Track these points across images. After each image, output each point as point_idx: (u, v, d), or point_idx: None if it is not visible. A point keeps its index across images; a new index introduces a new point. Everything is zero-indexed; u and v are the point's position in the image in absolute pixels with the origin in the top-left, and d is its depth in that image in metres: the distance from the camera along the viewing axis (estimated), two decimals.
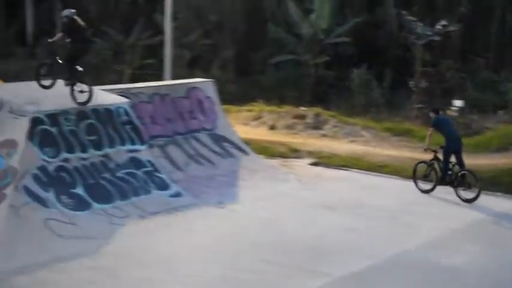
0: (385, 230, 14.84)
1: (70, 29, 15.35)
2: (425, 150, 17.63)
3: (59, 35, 15.60)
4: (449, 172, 17.26)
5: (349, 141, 23.77)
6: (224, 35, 40.67)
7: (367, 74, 32.65)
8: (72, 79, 15.53)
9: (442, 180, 17.34)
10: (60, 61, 15.66)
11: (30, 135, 14.37)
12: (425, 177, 17.72)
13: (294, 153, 22.02)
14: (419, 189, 17.76)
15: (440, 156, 17.41)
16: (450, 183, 17.25)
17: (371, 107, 30.79)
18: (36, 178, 13.97)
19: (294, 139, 23.97)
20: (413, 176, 17.89)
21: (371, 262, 12.81)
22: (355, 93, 32.43)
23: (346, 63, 34.66)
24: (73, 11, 15.61)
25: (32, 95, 15.71)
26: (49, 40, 15.87)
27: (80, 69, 15.59)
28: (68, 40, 15.36)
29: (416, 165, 17.94)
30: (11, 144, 14.20)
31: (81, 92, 15.46)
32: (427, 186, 17.67)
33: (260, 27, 38.89)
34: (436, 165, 17.49)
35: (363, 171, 19.79)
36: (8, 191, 13.42)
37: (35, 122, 14.55)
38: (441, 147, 17.39)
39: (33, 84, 15.87)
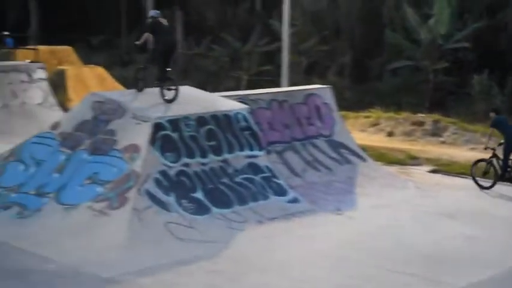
0: (508, 239, 14.38)
1: (154, 29, 15.70)
2: (485, 148, 18.68)
3: (143, 36, 15.92)
4: (509, 169, 18.12)
5: (469, 149, 23.22)
6: (341, 40, 40.51)
7: (488, 80, 31.81)
8: (161, 79, 15.89)
9: (502, 177, 18.22)
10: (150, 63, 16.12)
11: (152, 141, 14.70)
12: (485, 175, 18.59)
13: (412, 160, 21.69)
14: (479, 186, 18.46)
15: (500, 154, 18.20)
16: (509, 180, 18.19)
17: None
18: (157, 182, 14.26)
19: (412, 146, 23.61)
20: (472, 174, 18.74)
21: (493, 272, 12.43)
22: (476, 99, 31.67)
23: (466, 69, 33.90)
24: (158, 12, 16.05)
25: (154, 101, 16.10)
26: (135, 42, 16.22)
27: (168, 68, 15.94)
28: (152, 40, 15.72)
29: (475, 163, 18.81)
30: (134, 149, 14.58)
31: (169, 89, 15.80)
32: (486, 183, 18.41)
33: (377, 32, 38.53)
34: (495, 163, 18.35)
35: (484, 179, 19.24)
36: (131, 194, 13.77)
37: (157, 127, 14.89)
38: (499, 144, 18.28)
39: (154, 90, 16.29)
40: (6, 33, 37.67)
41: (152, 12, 16.07)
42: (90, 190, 14.14)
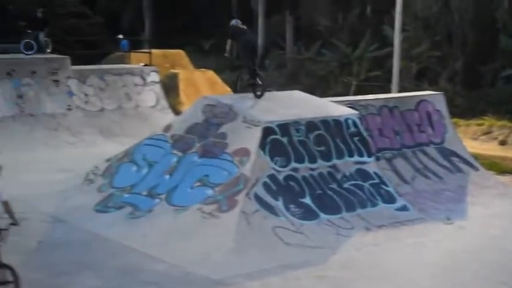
0: None
1: (233, 35, 16.58)
2: None
3: (228, 44, 16.73)
4: None
5: None
6: (453, 46, 39.68)
7: None
8: (252, 78, 16.57)
9: None
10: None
11: (262, 145, 14.78)
12: None
13: None
14: None
15: None
16: None
17: None
18: (266, 186, 14.32)
19: None
20: None
21: None
22: None
23: None
24: (237, 20, 16.96)
25: (264, 105, 16.20)
26: (225, 54, 16.76)
27: (255, 67, 16.52)
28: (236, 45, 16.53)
29: None
30: (244, 152, 14.69)
31: (257, 85, 16.34)
32: None
33: (491, 38, 37.55)
34: None
35: None
36: (240, 197, 13.87)
37: (267, 131, 14.96)
38: None
39: (266, 95, 16.45)
40: (120, 36, 38.71)
41: (233, 22, 16.91)
42: (200, 192, 14.34)
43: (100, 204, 15.28)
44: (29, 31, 26.48)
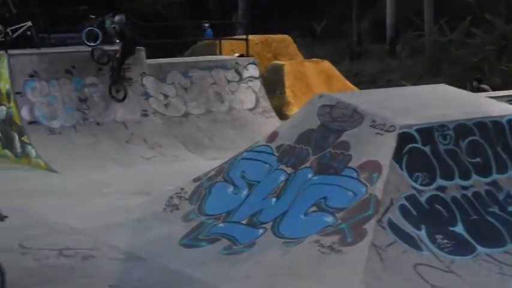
0: None
1: None
2: None
3: None
4: None
5: None
6: None
7: None
8: None
9: None
10: None
11: (398, 156, 14.68)
12: None
13: None
14: None
15: None
16: None
17: None
18: (404, 211, 14.21)
19: None
20: None
21: None
22: None
23: None
24: None
25: (398, 104, 16.10)
26: None
27: None
28: None
29: None
30: (374, 167, 14.63)
31: None
32: None
33: None
34: None
35: None
36: (370, 226, 13.81)
37: (404, 139, 14.85)
38: None
39: (399, 90, 16.29)
40: (206, 24, 39.18)
41: None
42: (316, 220, 14.36)
43: (187, 237, 15.49)
44: (93, 16, 27.11)
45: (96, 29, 26.42)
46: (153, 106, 26.03)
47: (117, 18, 26.06)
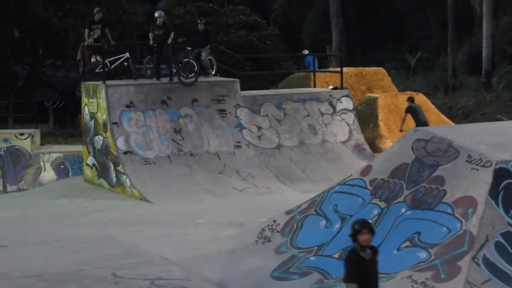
0: None
1: None
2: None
3: None
4: None
5: None
6: None
7: None
8: None
9: None
10: None
11: (494, 192, 14.38)
12: None
13: None
14: None
15: None
16: None
17: None
18: (499, 248, 13.90)
19: None
20: None
21: None
22: None
23: None
24: None
25: (495, 139, 15.82)
26: None
27: None
28: None
29: None
30: (469, 202, 14.37)
31: None
32: None
33: None
34: None
35: None
36: (464, 263, 13.56)
37: (501, 174, 14.54)
38: None
39: (495, 124, 16.01)
40: (306, 51, 39.18)
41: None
42: (410, 255, 14.19)
43: (279, 269, 15.41)
44: (189, 48, 27.36)
45: (192, 60, 26.62)
46: (247, 138, 26.10)
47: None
